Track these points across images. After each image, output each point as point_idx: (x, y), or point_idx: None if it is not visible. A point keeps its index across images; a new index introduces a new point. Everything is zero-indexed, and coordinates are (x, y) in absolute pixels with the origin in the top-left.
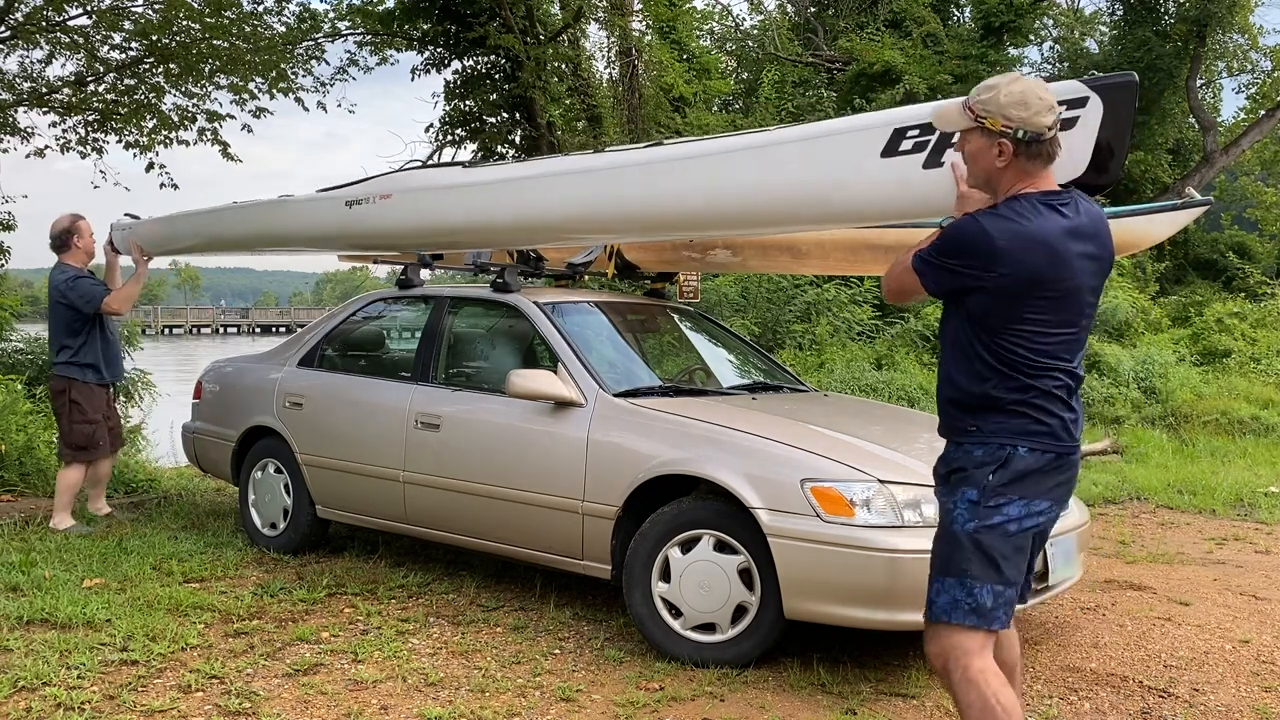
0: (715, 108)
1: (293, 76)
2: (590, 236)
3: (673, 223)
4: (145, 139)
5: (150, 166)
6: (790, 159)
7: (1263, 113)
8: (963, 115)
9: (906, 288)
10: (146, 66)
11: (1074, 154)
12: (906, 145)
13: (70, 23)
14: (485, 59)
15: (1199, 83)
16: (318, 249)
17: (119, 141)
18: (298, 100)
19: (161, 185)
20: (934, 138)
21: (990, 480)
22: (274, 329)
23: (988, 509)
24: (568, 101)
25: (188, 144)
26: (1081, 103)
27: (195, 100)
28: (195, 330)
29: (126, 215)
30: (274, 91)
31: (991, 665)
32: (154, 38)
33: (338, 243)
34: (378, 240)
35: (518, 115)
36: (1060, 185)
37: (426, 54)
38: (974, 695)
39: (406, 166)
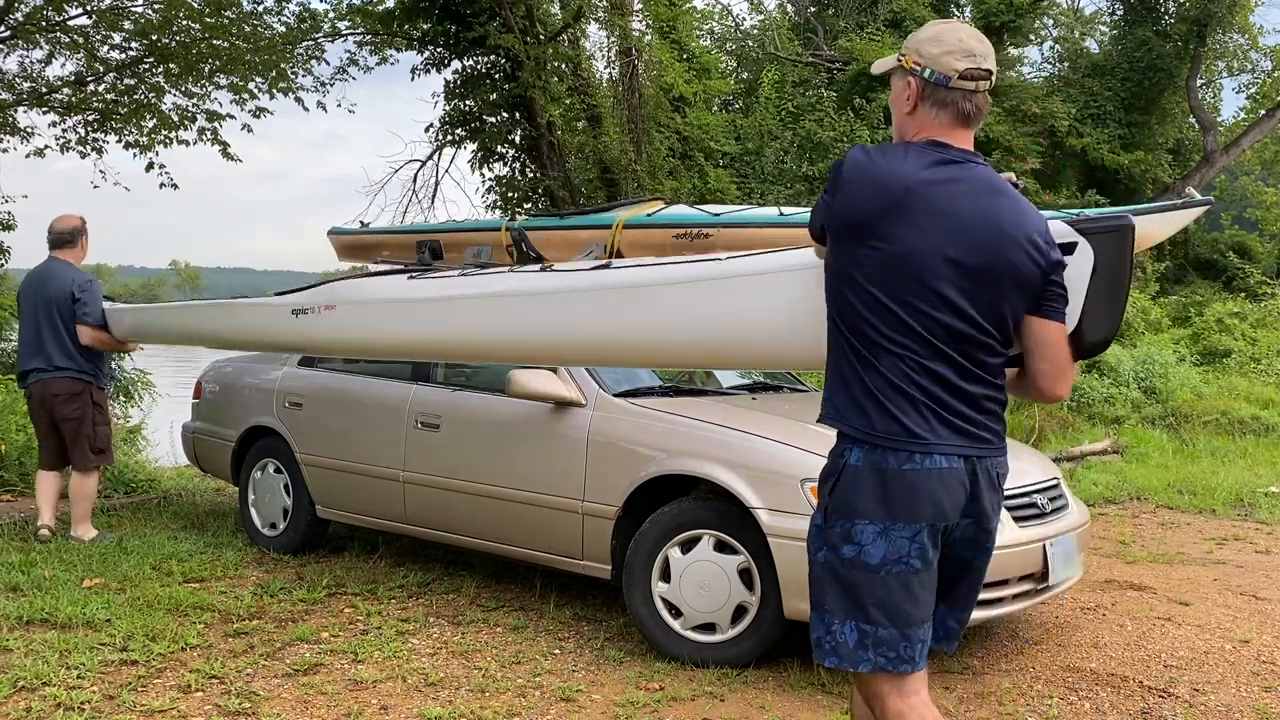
0: (715, 107)
1: (293, 76)
2: (545, 362)
3: (629, 356)
4: (145, 139)
5: (150, 166)
6: (750, 294)
7: (1263, 113)
8: (893, 59)
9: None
10: (146, 66)
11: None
12: None
13: (70, 23)
14: (485, 59)
15: (1199, 83)
16: (278, 352)
17: (119, 141)
18: (298, 100)
19: (161, 185)
20: None
21: (828, 499)
22: None
23: (836, 534)
24: (568, 101)
25: (188, 144)
26: (1069, 249)
27: (195, 100)
28: None
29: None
30: (274, 91)
31: (910, 705)
32: (154, 38)
33: (293, 349)
34: (329, 350)
35: (518, 115)
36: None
37: (426, 54)
38: None
39: (351, 275)
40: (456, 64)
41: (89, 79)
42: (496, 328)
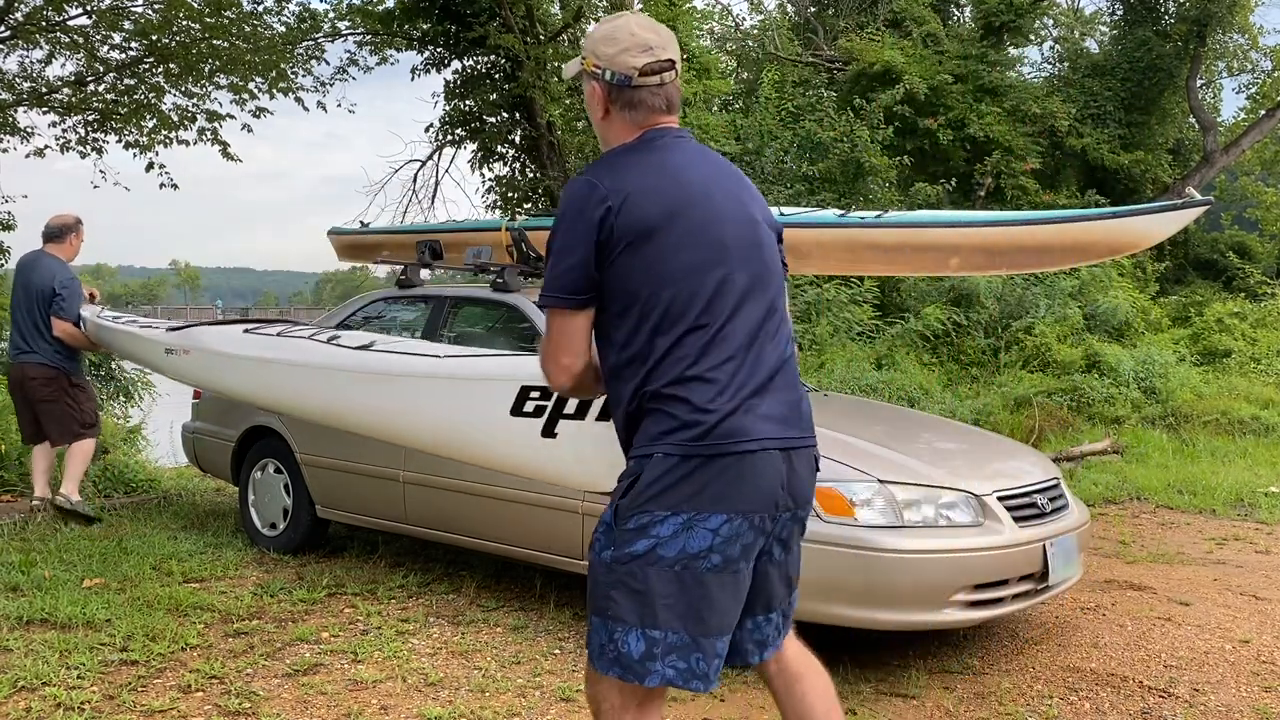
0: (715, 107)
1: (293, 76)
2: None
3: (367, 430)
4: (145, 139)
5: (150, 166)
6: (439, 396)
7: (1263, 113)
8: (578, 62)
9: (567, 347)
10: (146, 66)
11: None
12: (529, 407)
13: (70, 23)
14: (485, 59)
15: (1199, 83)
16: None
17: (119, 141)
18: (298, 100)
19: (161, 185)
20: (551, 403)
21: (620, 499)
22: None
23: (629, 531)
24: (568, 101)
25: (188, 144)
26: None
27: (195, 100)
28: None
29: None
30: (274, 91)
31: None
32: (154, 38)
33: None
34: (197, 386)
35: (518, 115)
36: None
37: (426, 54)
38: None
39: (212, 322)
40: (456, 64)
41: (89, 79)
42: (280, 391)
